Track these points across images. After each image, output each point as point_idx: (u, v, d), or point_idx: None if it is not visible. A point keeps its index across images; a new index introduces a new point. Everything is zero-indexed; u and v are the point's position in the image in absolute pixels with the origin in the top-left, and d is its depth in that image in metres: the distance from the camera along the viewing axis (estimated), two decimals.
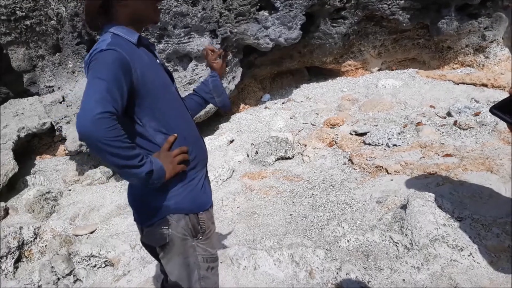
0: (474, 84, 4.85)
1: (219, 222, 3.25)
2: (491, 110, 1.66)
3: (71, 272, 2.90)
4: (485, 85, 4.76)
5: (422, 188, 3.06)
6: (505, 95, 4.43)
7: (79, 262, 2.96)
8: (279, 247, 2.65)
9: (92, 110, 1.20)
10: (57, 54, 5.20)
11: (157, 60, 1.55)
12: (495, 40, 5.16)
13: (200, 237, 1.57)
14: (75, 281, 2.87)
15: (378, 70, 6.01)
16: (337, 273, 2.37)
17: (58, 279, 2.87)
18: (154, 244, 1.57)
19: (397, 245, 2.53)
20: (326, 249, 2.59)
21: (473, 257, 2.34)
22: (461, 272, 2.28)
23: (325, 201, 3.21)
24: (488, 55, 5.20)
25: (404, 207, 2.79)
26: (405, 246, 2.50)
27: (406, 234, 2.56)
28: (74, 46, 5.17)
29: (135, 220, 1.65)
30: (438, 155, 3.50)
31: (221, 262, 2.63)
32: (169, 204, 1.49)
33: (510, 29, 5.24)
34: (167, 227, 1.50)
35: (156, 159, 1.40)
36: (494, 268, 2.28)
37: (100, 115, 1.20)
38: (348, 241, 2.66)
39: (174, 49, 4.62)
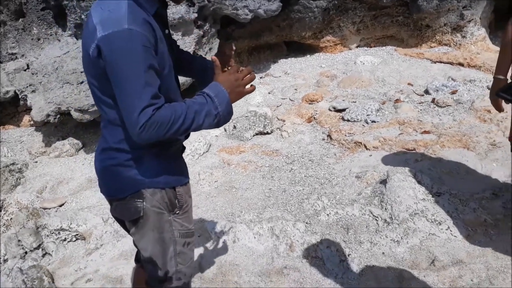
0: (451, 63, 4.88)
1: (196, 196, 3.16)
2: (497, 94, 1.82)
3: (39, 245, 2.77)
4: (461, 64, 4.80)
5: (401, 163, 3.06)
6: (481, 74, 4.49)
7: (47, 236, 2.82)
8: (258, 220, 2.61)
9: (137, 124, 1.18)
10: (20, 20, 4.87)
11: (166, 31, 1.42)
12: (472, 19, 5.19)
13: (177, 212, 1.48)
14: (43, 255, 2.74)
15: (357, 47, 5.96)
16: (317, 246, 2.35)
17: (26, 252, 2.73)
18: (126, 218, 1.47)
19: (377, 219, 2.53)
20: (306, 223, 2.57)
21: (450, 231, 2.37)
22: (439, 245, 2.30)
23: (305, 176, 3.17)
24: (465, 34, 5.23)
25: (383, 182, 2.78)
26: (385, 220, 2.50)
27: (386, 209, 2.55)
28: (39, 11, 4.83)
29: (102, 192, 1.53)
30: (417, 131, 3.52)
31: (199, 236, 2.56)
32: (143, 178, 1.39)
33: (487, 9, 5.28)
34: (141, 201, 1.40)
35: (216, 87, 1.32)
36: (470, 242, 2.31)
37: (144, 125, 1.18)
38: (328, 215, 2.64)
39: None
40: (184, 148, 1.62)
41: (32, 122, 4.83)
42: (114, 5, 1.23)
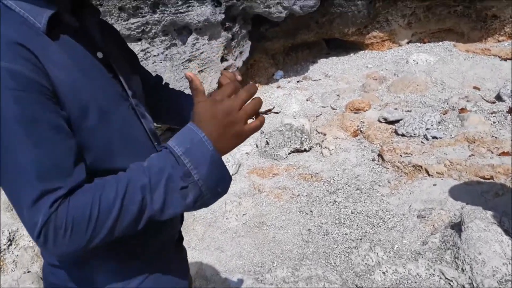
0: None
1: (221, 233, 2.67)
2: None
3: None
4: None
5: (476, 199, 2.41)
6: None
7: None
8: (294, 280, 2.06)
9: (31, 229, 0.66)
10: None
11: (97, 55, 0.86)
12: None
13: None
14: None
15: (408, 42, 5.24)
16: None
17: None
18: None
19: (451, 283, 1.92)
20: (356, 286, 1.99)
21: None
22: None
23: (352, 212, 2.58)
24: None
25: (456, 228, 2.15)
26: (463, 286, 1.88)
27: (463, 270, 1.93)
28: None
29: None
30: (492, 152, 2.82)
31: None
32: None
33: None
34: None
35: (190, 132, 0.74)
36: None
37: (43, 231, 0.65)
38: (384, 273, 2.05)
39: (171, 20, 3.93)
40: (181, 237, 1.10)
41: None
42: None
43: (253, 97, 0.77)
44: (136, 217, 0.71)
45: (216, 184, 0.75)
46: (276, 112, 3.05)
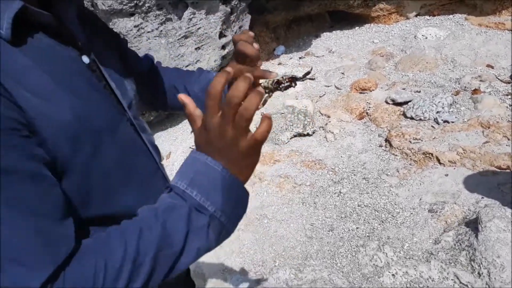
0: None
1: None
2: None
3: None
4: None
5: (492, 192, 2.25)
6: None
7: None
8: (297, 283, 1.93)
9: None
10: None
11: (84, 57, 0.67)
12: None
13: None
14: None
15: (416, 15, 4.95)
16: None
17: None
18: None
19: None
20: None
21: None
22: None
23: (358, 205, 2.44)
24: None
25: (472, 226, 2.01)
26: None
27: (480, 274, 1.80)
28: None
29: None
30: (508, 139, 2.65)
31: None
32: None
33: None
34: None
35: (193, 163, 0.61)
36: None
37: None
38: (393, 275, 1.92)
39: None
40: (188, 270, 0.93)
41: None
42: None
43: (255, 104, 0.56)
44: (150, 277, 0.56)
45: (236, 208, 0.61)
46: (312, 79, 2.73)
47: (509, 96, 3.07)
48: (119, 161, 0.67)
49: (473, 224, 2.01)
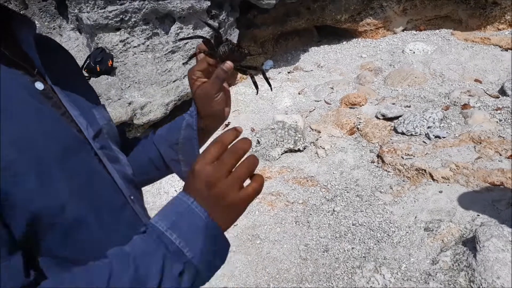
0: None
1: None
2: None
3: None
4: None
5: (488, 209, 2.22)
6: None
7: None
8: None
9: None
10: (22, 12, 4.19)
11: (38, 84, 0.62)
12: None
13: None
14: None
15: (403, 30, 5.00)
16: None
17: None
18: None
19: None
20: None
21: None
22: None
23: (353, 224, 2.38)
24: None
25: (469, 244, 1.97)
26: None
27: None
28: (40, 2, 4.26)
29: None
30: (500, 155, 2.64)
31: None
32: None
33: None
34: None
35: (176, 204, 0.58)
36: None
37: None
38: None
39: (152, 8, 3.61)
40: None
41: None
42: None
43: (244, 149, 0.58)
44: None
45: (215, 259, 0.58)
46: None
47: (498, 111, 3.08)
48: (76, 194, 0.60)
49: (471, 243, 1.97)
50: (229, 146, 0.59)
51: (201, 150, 0.69)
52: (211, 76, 0.76)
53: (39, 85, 0.62)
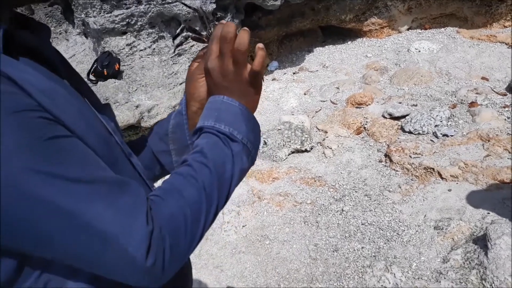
0: None
1: (219, 248, 2.45)
2: None
3: None
4: None
5: (498, 207, 2.22)
6: None
7: None
8: None
9: (141, 262, 0.52)
10: None
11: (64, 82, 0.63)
12: None
13: None
14: None
15: (408, 29, 4.99)
16: None
17: None
18: None
19: None
20: None
21: None
22: None
23: (362, 223, 2.38)
24: None
25: (479, 242, 1.96)
26: None
27: None
28: (46, 7, 4.28)
29: None
30: (509, 152, 2.63)
31: None
32: None
33: None
34: None
35: (211, 103, 0.71)
36: None
37: (151, 254, 0.53)
38: None
39: (158, 11, 3.64)
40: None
41: None
42: None
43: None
44: (219, 202, 0.64)
45: (256, 137, 0.71)
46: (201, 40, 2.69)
47: (506, 109, 3.07)
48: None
49: (482, 241, 1.96)
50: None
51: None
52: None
53: (67, 84, 0.63)
